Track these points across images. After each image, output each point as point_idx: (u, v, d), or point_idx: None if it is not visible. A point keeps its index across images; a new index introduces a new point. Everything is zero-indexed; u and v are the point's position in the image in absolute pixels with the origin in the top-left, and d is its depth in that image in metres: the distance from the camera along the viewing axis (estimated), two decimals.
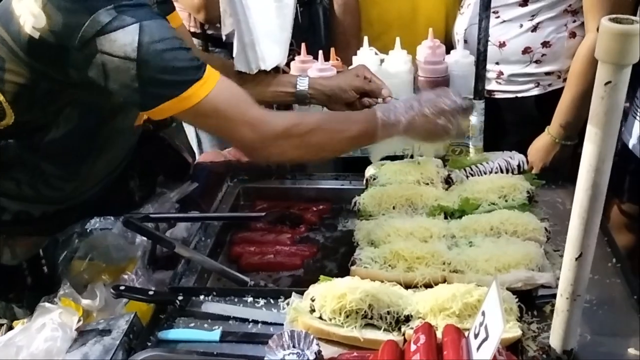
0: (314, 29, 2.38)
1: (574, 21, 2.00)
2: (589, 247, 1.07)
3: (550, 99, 2.06)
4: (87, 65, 1.26)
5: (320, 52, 1.83)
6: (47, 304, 1.31)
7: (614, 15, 0.94)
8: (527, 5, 2.01)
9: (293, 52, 1.93)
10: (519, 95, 2.12)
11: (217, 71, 1.34)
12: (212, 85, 1.31)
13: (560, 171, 1.94)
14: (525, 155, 1.84)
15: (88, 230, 1.85)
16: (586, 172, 1.01)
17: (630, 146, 1.93)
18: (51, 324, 1.27)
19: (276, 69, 1.73)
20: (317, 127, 1.43)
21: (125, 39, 1.23)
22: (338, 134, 1.46)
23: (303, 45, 1.88)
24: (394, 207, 1.58)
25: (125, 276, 1.58)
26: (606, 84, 0.95)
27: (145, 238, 1.67)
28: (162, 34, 1.26)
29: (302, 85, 1.71)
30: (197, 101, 1.29)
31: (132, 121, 1.57)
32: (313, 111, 1.79)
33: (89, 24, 1.23)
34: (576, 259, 1.08)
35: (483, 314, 0.98)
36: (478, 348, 0.95)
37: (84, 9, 1.23)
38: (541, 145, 2.07)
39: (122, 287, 1.40)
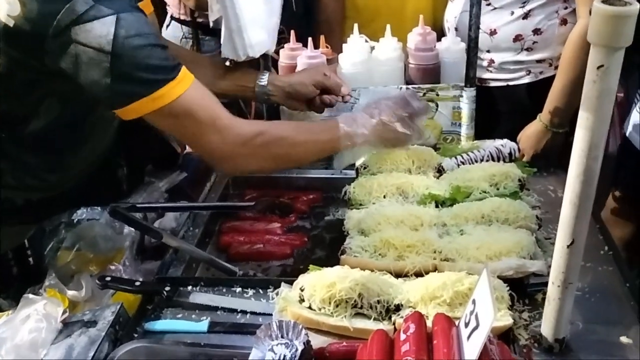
0: (308, 16, 2.36)
1: (565, 8, 1.99)
2: (580, 234, 1.06)
3: (541, 87, 2.05)
4: (62, 55, 1.22)
5: (310, 39, 1.81)
6: (31, 296, 1.28)
7: None
8: None
9: (283, 39, 1.90)
10: (511, 83, 2.11)
11: (190, 73, 1.30)
12: (185, 86, 1.27)
13: (551, 159, 1.93)
14: (517, 143, 1.83)
15: (75, 221, 1.84)
16: (578, 157, 1.00)
17: (627, 134, 1.92)
18: (35, 315, 1.24)
19: (265, 57, 1.70)
20: (281, 137, 1.43)
21: (101, 30, 1.19)
22: (302, 144, 1.46)
23: (292, 32, 1.85)
24: (384, 196, 1.56)
25: (113, 267, 1.56)
26: (599, 67, 0.93)
27: (133, 228, 1.65)
28: (139, 29, 1.23)
29: (262, 81, 1.69)
30: (169, 101, 1.26)
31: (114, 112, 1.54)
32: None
33: (65, 12, 1.19)
34: (568, 246, 1.07)
35: (474, 302, 0.96)
36: (468, 337, 0.94)
37: None
38: (532, 133, 2.06)
39: (108, 278, 1.38)
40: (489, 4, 2.02)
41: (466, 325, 0.96)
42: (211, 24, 1.61)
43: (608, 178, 2.07)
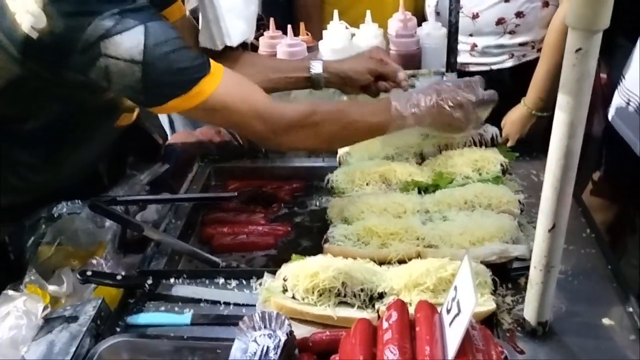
0: (287, 3, 2.34)
1: None
2: (562, 218, 1.05)
3: (524, 70, 2.05)
4: (89, 67, 1.24)
5: (290, 27, 1.79)
6: (10, 292, 1.27)
7: None
8: None
9: (263, 26, 1.88)
10: (494, 67, 2.11)
11: (221, 65, 1.32)
12: (217, 80, 1.29)
13: (534, 143, 1.93)
14: (499, 128, 1.83)
15: (55, 215, 1.80)
16: (558, 140, 0.99)
17: (610, 118, 1.93)
18: (15, 312, 1.23)
19: (244, 45, 1.68)
20: (329, 118, 1.41)
21: (131, 42, 1.21)
22: (351, 125, 1.43)
23: (272, 20, 1.83)
24: (367, 184, 1.56)
25: (94, 261, 1.54)
26: (577, 50, 0.92)
27: (115, 222, 1.63)
28: (166, 35, 1.25)
29: (316, 69, 1.66)
30: (204, 98, 1.28)
31: (112, 121, 1.54)
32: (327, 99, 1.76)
33: (93, 27, 1.20)
34: (549, 230, 1.07)
35: (455, 289, 0.96)
36: (450, 323, 0.93)
37: (87, 12, 1.20)
38: (517, 117, 2.06)
39: (89, 273, 1.37)
40: None
41: (448, 311, 0.96)
42: (187, 13, 1.59)
43: (591, 161, 2.07)
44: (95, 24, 1.20)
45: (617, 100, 1.91)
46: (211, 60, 1.31)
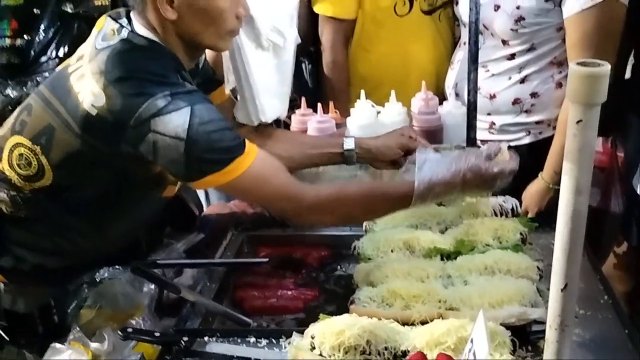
0: (318, 85, 2.52)
1: (560, 72, 2.10)
2: (573, 278, 1.12)
3: (541, 147, 2.14)
4: (139, 142, 1.37)
5: (319, 105, 1.94)
6: (58, 345, 1.36)
7: (581, 60, 1.03)
8: (514, 59, 2.11)
9: (295, 105, 2.03)
10: (512, 143, 2.19)
11: (255, 146, 1.45)
12: (251, 160, 1.42)
13: (554, 215, 1.99)
14: (519, 200, 1.91)
15: (97, 280, 1.92)
16: (565, 205, 1.08)
17: (638, 190, 1.99)
18: None
19: (277, 122, 1.82)
20: (351, 201, 1.52)
21: (177, 121, 1.35)
22: (372, 206, 1.54)
23: (303, 99, 1.98)
24: (392, 251, 1.64)
25: (133, 321, 1.63)
26: (577, 122, 1.02)
27: (152, 287, 1.73)
28: (210, 116, 1.39)
29: (349, 145, 1.77)
30: (237, 175, 1.40)
31: (158, 193, 1.66)
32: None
33: (146, 106, 1.35)
34: (562, 290, 1.13)
35: (471, 341, 1.03)
36: None
37: (142, 94, 1.35)
38: (535, 191, 2.13)
39: (129, 330, 1.45)
40: (487, 71, 2.14)
41: None
42: (227, 93, 1.74)
43: (611, 235, 2.13)
44: (149, 104, 1.35)
45: None
46: (247, 141, 1.44)
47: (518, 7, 2.02)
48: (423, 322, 1.36)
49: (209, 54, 1.93)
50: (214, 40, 1.50)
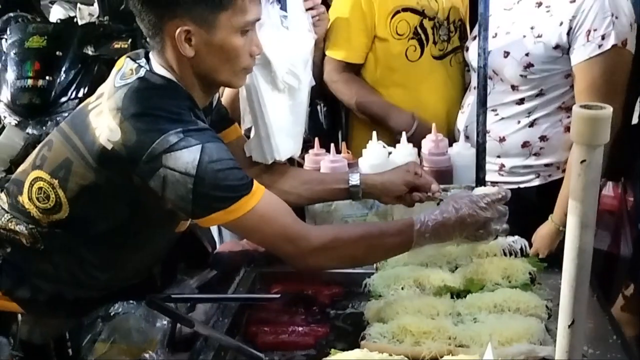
0: (333, 126, 2.60)
1: (568, 117, 2.15)
2: (580, 315, 1.14)
3: (550, 189, 2.17)
4: (150, 176, 1.42)
5: (332, 145, 1.99)
6: None
7: (584, 103, 1.07)
8: (523, 103, 2.16)
9: (309, 146, 2.09)
10: (521, 185, 2.24)
11: (262, 187, 1.49)
12: (256, 200, 1.45)
13: (562, 255, 2.01)
14: (531, 243, 1.93)
15: (111, 314, 1.95)
16: (571, 242, 1.11)
17: None
18: None
19: (291, 161, 1.88)
20: (353, 243, 1.55)
21: (188, 158, 1.40)
22: (373, 247, 1.57)
23: (316, 139, 2.04)
24: (402, 288, 1.66)
25: (146, 355, 1.66)
26: (582, 162, 1.06)
27: (165, 322, 1.76)
28: (220, 155, 1.43)
29: (354, 180, 1.81)
30: (242, 214, 1.44)
31: (174, 226, 1.70)
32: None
33: (159, 142, 1.40)
34: (569, 326, 1.15)
35: None
36: None
37: (156, 130, 1.41)
38: (546, 233, 2.16)
39: None
40: (497, 115, 2.20)
41: None
42: (243, 132, 1.80)
43: (621, 278, 2.14)
44: (162, 140, 1.40)
45: None
46: (254, 181, 1.48)
47: (527, 54, 2.08)
48: (433, 359, 1.38)
49: (226, 94, 2.01)
50: (229, 77, 1.56)
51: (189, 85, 1.54)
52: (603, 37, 1.97)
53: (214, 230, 2.63)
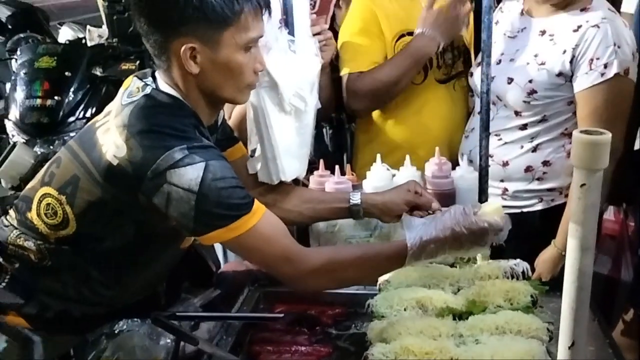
0: (338, 149, 2.63)
1: (571, 142, 2.17)
2: (580, 336, 1.16)
3: (553, 213, 2.19)
4: (155, 192, 1.45)
5: (337, 167, 2.02)
6: None
7: (584, 128, 1.10)
8: (526, 129, 2.19)
9: (314, 167, 2.12)
10: (524, 210, 2.25)
11: (263, 206, 1.52)
12: (256, 219, 1.48)
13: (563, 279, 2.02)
14: (534, 267, 1.94)
15: (116, 332, 1.96)
16: (571, 265, 1.13)
17: None
18: None
19: (296, 181, 1.90)
20: (348, 265, 1.58)
21: (192, 174, 1.42)
22: (368, 270, 1.61)
23: (321, 161, 2.07)
24: (405, 309, 1.68)
25: None
26: (581, 186, 1.09)
27: (169, 340, 1.77)
28: (223, 174, 1.46)
29: (355, 199, 1.84)
30: (242, 232, 1.46)
31: (180, 243, 1.73)
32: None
33: (164, 158, 1.43)
34: (569, 347, 1.16)
35: None
36: None
37: (161, 146, 1.44)
38: (548, 258, 2.17)
39: None
40: (500, 139, 2.22)
41: None
42: (249, 153, 1.83)
43: (621, 303, 2.15)
44: (167, 156, 1.43)
45: None
46: (255, 201, 1.50)
47: (530, 81, 2.11)
48: None
49: (233, 116, 2.05)
50: (234, 93, 1.59)
51: (195, 103, 1.57)
52: (605, 66, 2.01)
53: (219, 250, 2.65)
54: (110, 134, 1.51)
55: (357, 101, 2.37)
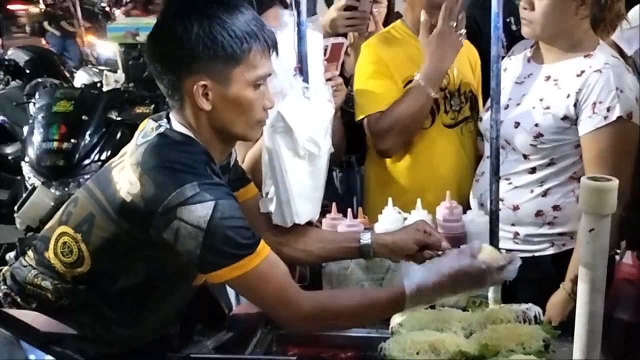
0: (348, 191, 2.66)
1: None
2: None
3: (564, 258, 2.18)
4: (165, 228, 1.50)
5: (349, 210, 2.05)
6: None
7: (592, 175, 1.14)
8: (535, 173, 2.21)
9: (327, 211, 2.15)
10: (536, 254, 2.26)
11: (268, 248, 1.56)
12: (260, 259, 1.53)
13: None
14: (543, 309, 1.95)
15: None
16: (582, 308, 1.15)
17: None
18: None
19: (309, 224, 1.94)
20: (343, 313, 1.62)
21: (201, 212, 1.47)
22: (362, 318, 1.67)
23: (334, 204, 2.11)
24: (417, 353, 1.68)
25: None
26: (590, 230, 1.12)
27: None
28: (231, 213, 1.51)
29: (366, 239, 1.87)
30: (244, 272, 1.51)
31: (192, 279, 1.77)
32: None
33: (175, 195, 1.48)
34: None
35: None
36: None
37: (173, 183, 1.50)
38: (558, 301, 2.17)
39: None
40: (510, 183, 2.25)
41: None
42: (264, 195, 1.87)
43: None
44: (178, 192, 1.48)
45: None
46: (261, 241, 1.55)
47: (536, 125, 2.15)
48: None
49: (247, 159, 2.10)
50: (245, 130, 1.65)
51: (207, 140, 1.63)
52: (608, 109, 2.05)
53: (231, 292, 2.66)
54: (124, 172, 1.57)
55: (384, 141, 2.40)
